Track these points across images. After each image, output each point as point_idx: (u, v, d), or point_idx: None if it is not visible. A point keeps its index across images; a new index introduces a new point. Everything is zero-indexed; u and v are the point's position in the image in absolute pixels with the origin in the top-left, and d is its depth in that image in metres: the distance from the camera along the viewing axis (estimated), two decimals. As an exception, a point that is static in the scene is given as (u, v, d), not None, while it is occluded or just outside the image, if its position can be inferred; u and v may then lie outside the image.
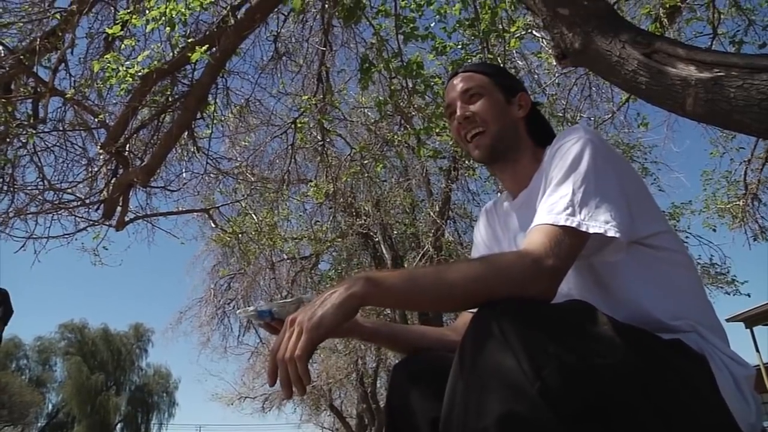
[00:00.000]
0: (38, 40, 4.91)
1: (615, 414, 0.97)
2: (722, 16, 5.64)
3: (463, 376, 0.98)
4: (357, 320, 1.43)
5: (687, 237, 9.95)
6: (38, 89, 5.39)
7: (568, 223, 1.12)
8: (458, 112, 1.47)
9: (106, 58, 4.52)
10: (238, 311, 1.41)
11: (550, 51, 4.92)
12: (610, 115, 7.28)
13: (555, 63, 4.39)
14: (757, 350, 15.24)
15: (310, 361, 1.06)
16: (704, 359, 1.13)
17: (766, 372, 14.87)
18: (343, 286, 1.08)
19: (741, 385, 1.13)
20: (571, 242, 1.12)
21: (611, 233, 1.11)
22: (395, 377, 1.35)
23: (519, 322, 0.97)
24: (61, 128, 5.98)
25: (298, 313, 1.08)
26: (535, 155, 1.45)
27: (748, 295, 10.35)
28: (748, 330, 15.19)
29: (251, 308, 1.38)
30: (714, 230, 9.12)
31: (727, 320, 15.46)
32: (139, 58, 4.54)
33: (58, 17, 5.28)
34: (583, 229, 1.12)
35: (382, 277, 1.10)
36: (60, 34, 5.12)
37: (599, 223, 1.12)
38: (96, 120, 5.46)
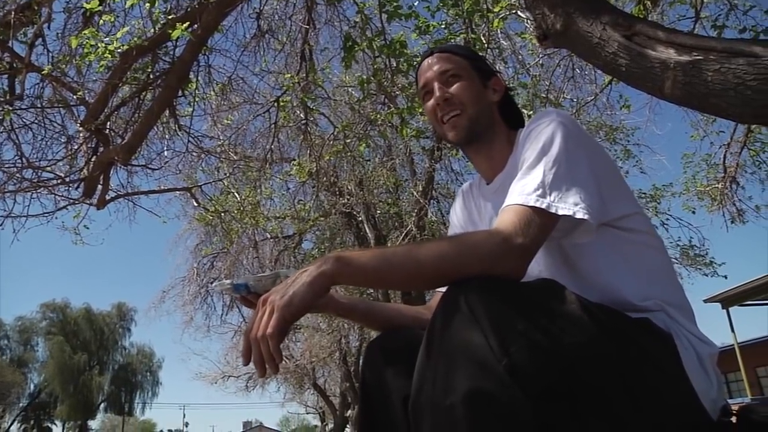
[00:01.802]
0: (13, 13, 4.80)
1: (581, 391, 0.99)
2: (705, 0, 5.66)
3: (432, 352, 0.99)
4: (333, 296, 1.45)
5: (668, 219, 10.06)
6: (14, 65, 5.29)
7: (538, 204, 1.14)
8: (437, 93, 1.46)
9: (85, 33, 4.44)
10: (213, 284, 1.41)
11: (533, 32, 4.92)
12: (593, 97, 7.31)
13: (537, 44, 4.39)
14: (733, 330, 15.52)
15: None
16: (670, 337, 1.16)
17: (740, 351, 15.16)
18: (314, 265, 1.10)
19: (705, 362, 1.17)
20: (540, 223, 1.13)
21: (580, 215, 1.13)
22: (369, 354, 1.37)
23: (487, 299, 0.98)
24: (39, 105, 5.89)
25: (270, 293, 1.10)
26: (509, 138, 1.46)
27: (725, 277, 10.50)
28: (725, 311, 15.44)
29: (227, 281, 1.39)
30: (693, 212, 9.23)
31: (705, 301, 15.73)
32: (119, 35, 4.46)
33: (34, -10, 5.17)
34: (553, 210, 1.13)
35: (352, 255, 1.11)
36: (36, 7, 5.01)
37: (569, 205, 1.14)
38: (75, 97, 5.37)
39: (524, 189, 1.17)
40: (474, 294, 0.99)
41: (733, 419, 1.51)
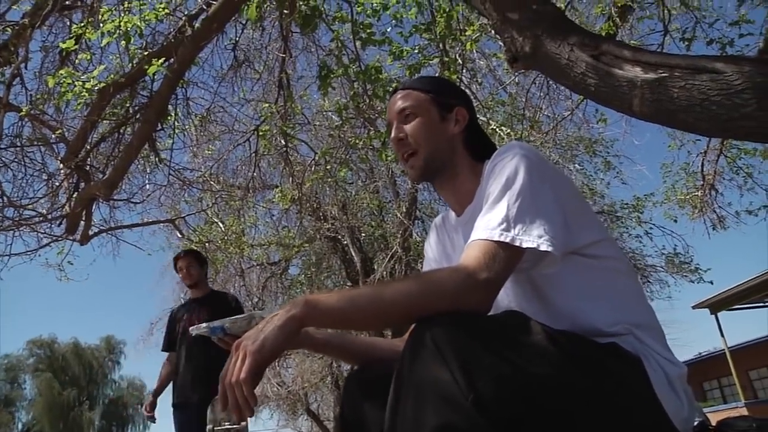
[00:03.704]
0: (-10, 55, 4.82)
1: (551, 421, 1.01)
2: (672, 14, 5.77)
3: (401, 389, 1.01)
4: (308, 332, 1.46)
5: (651, 228, 10.15)
6: (-8, 105, 5.28)
7: (502, 239, 1.15)
8: (392, 134, 1.50)
9: (61, 73, 4.46)
10: (191, 328, 1.43)
11: (503, 54, 5.00)
12: (569, 112, 7.40)
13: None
14: (722, 335, 15.60)
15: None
16: (639, 361, 1.18)
17: (731, 355, 15.23)
18: (284, 309, 1.12)
19: (674, 383, 1.19)
20: (505, 256, 1.15)
21: (543, 247, 1.15)
22: (347, 388, 1.38)
23: (453, 335, 1.00)
24: (18, 144, 5.88)
25: (243, 338, 1.12)
26: (474, 170, 1.47)
27: (711, 282, 10.56)
28: (713, 316, 15.52)
29: (203, 325, 1.41)
30: (675, 221, 9.33)
31: (693, 307, 15.79)
32: (95, 73, 4.49)
33: (10, 30, 5.19)
34: (517, 243, 1.15)
35: (320, 298, 1.13)
36: (13, 48, 5.03)
37: (533, 237, 1.16)
38: (54, 135, 5.37)
39: (488, 224, 1.18)
40: (440, 330, 1.00)
41: (711, 434, 1.54)
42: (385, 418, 1.03)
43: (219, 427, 1.33)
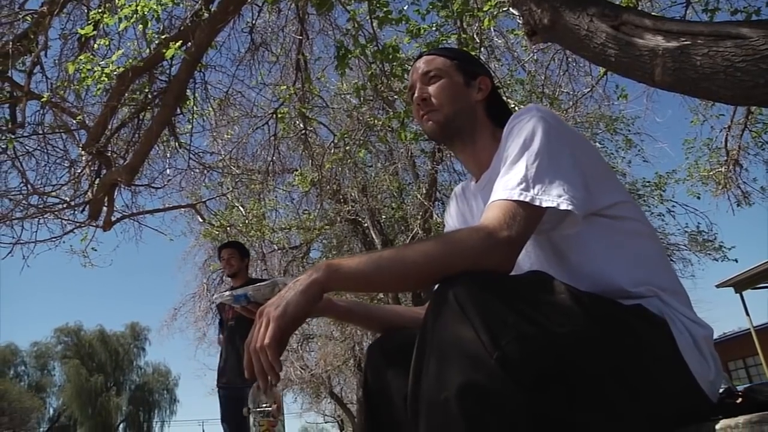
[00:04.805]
0: (11, 43, 4.87)
1: (576, 381, 1.00)
2: (695, -16, 5.65)
3: (425, 350, 1.01)
4: (331, 301, 1.47)
5: (673, 206, 10.03)
6: (14, 93, 5.35)
7: (521, 198, 1.14)
8: (416, 93, 1.49)
9: (80, 59, 4.49)
10: (214, 296, 1.45)
11: (522, 28, 4.93)
12: (589, 89, 7.31)
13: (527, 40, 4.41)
14: (747, 314, 15.41)
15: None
16: (665, 322, 1.16)
17: (756, 335, 15.06)
18: (306, 274, 1.13)
19: (700, 345, 1.17)
20: (525, 216, 1.13)
21: (564, 206, 1.13)
22: (370, 356, 1.38)
23: (476, 294, 0.99)
24: (40, 132, 5.96)
25: (266, 305, 1.12)
26: (495, 136, 1.46)
27: (736, 261, 10.43)
28: (738, 295, 15.33)
29: (227, 293, 1.42)
30: (698, 198, 9.20)
31: (717, 286, 15.61)
32: (114, 58, 4.51)
33: (29, 19, 5.23)
34: (537, 203, 1.14)
35: (342, 262, 1.13)
36: (32, 36, 5.07)
37: (552, 197, 1.14)
38: (75, 121, 5.43)
39: (508, 184, 1.17)
40: (463, 289, 1.00)
41: (738, 401, 1.53)
42: (410, 380, 1.03)
43: (256, 408, 1.35)
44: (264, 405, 1.35)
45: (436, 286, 1.07)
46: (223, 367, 4.88)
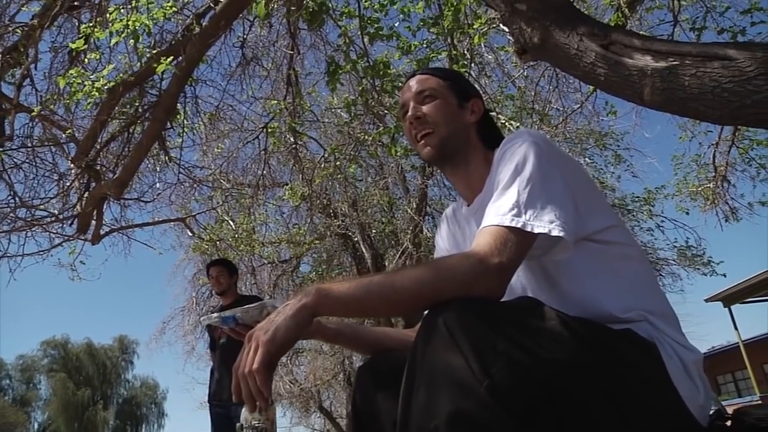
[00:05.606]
0: (0, 55, 4.85)
1: (566, 407, 0.99)
2: (682, 3, 5.72)
3: (415, 377, 1.01)
4: (320, 322, 1.46)
5: (662, 221, 10.06)
6: (3, 106, 5.33)
7: (513, 224, 1.14)
8: (410, 112, 1.49)
9: (71, 73, 4.48)
10: (201, 318, 1.44)
11: (512, 46, 4.97)
12: (579, 105, 7.35)
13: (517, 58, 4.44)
14: (736, 328, 15.49)
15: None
16: (654, 347, 1.17)
17: (744, 349, 15.12)
18: (296, 299, 1.12)
19: (690, 369, 1.17)
20: (517, 241, 1.13)
21: (555, 232, 1.14)
22: (359, 378, 1.38)
23: (466, 321, 0.99)
24: (29, 144, 5.92)
25: (255, 329, 1.12)
26: (486, 159, 1.47)
27: (724, 275, 10.45)
28: (727, 309, 15.41)
29: (215, 315, 1.41)
30: (687, 213, 9.25)
31: (706, 300, 15.71)
32: (105, 72, 4.50)
33: (20, 32, 5.22)
34: (528, 229, 1.14)
35: (332, 287, 1.13)
36: (22, 49, 5.06)
37: (544, 223, 1.14)
38: (65, 135, 5.40)
39: (499, 210, 1.17)
40: (453, 316, 0.99)
41: (728, 423, 1.53)
42: (399, 407, 1.02)
43: (248, 425, 1.34)
44: (255, 422, 1.34)
45: (427, 312, 1.07)
46: (217, 387, 4.84)
